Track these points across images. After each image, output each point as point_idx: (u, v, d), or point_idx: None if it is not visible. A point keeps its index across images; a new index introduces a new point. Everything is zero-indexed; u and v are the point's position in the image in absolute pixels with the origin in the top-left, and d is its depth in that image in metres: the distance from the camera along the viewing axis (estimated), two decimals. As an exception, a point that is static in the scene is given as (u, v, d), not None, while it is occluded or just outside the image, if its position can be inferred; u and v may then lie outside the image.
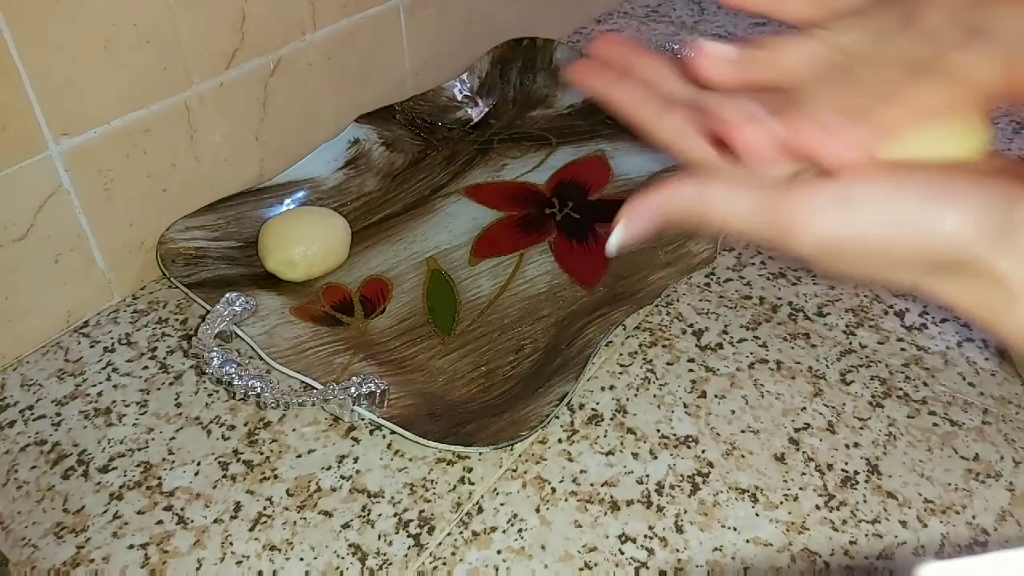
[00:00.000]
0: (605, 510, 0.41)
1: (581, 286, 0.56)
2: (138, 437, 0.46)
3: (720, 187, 0.30)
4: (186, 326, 0.54)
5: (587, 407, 0.47)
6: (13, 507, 0.42)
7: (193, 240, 0.57)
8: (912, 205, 0.27)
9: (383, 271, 0.58)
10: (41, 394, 0.49)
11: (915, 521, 0.40)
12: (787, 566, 0.39)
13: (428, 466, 0.44)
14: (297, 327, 0.52)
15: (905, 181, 0.28)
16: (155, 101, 0.54)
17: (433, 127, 0.72)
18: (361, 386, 0.44)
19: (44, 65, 0.47)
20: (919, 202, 0.27)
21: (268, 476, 0.44)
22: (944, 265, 0.28)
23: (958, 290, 0.29)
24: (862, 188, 0.28)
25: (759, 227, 0.29)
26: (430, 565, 0.39)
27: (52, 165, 0.49)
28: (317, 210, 0.60)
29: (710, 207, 0.30)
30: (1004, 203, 0.27)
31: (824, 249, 0.29)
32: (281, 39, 0.60)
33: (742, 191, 0.30)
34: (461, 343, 0.52)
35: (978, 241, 0.27)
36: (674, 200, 0.31)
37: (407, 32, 0.71)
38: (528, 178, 0.66)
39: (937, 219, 0.27)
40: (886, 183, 0.28)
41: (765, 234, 0.29)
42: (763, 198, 0.29)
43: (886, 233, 0.28)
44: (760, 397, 0.47)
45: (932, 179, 0.27)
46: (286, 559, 0.40)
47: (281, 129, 0.63)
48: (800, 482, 0.42)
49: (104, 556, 0.40)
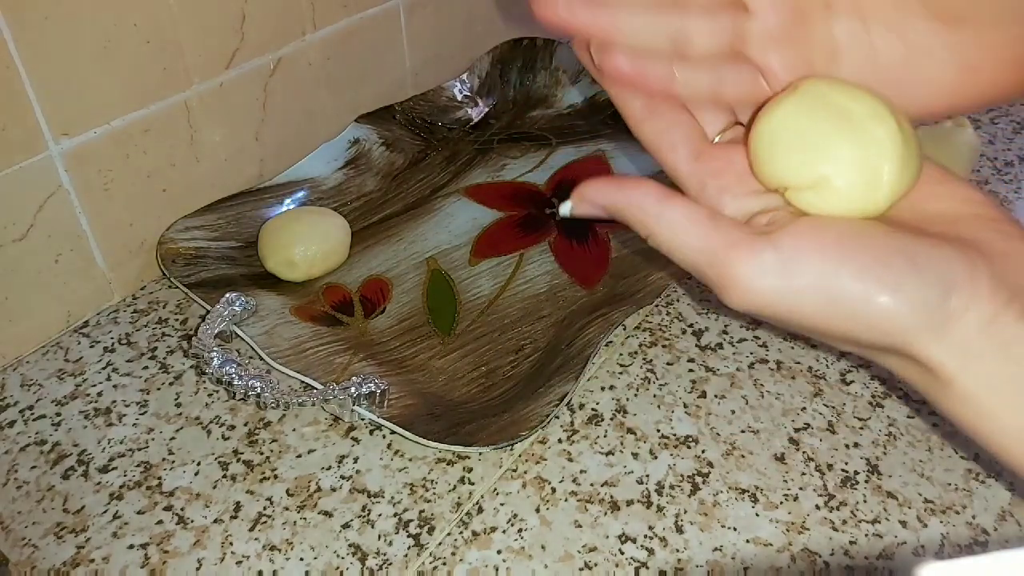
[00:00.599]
0: (605, 510, 0.41)
1: (581, 286, 0.56)
2: (138, 437, 0.46)
3: (677, 214, 0.29)
4: (186, 326, 0.54)
5: (587, 407, 0.47)
6: (13, 507, 0.42)
7: (193, 240, 0.57)
8: (847, 285, 0.26)
9: (383, 271, 0.58)
10: (41, 394, 0.49)
11: (915, 521, 0.40)
12: (787, 566, 0.39)
13: (428, 466, 0.44)
14: (297, 327, 0.52)
15: (847, 257, 0.27)
16: (155, 101, 0.54)
17: (433, 127, 0.72)
18: (361, 386, 0.44)
19: (44, 65, 0.47)
20: (855, 283, 0.26)
21: (268, 476, 0.44)
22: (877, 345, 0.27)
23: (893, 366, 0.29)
24: (805, 259, 0.27)
25: (698, 269, 0.29)
26: (430, 565, 0.39)
27: (52, 165, 0.49)
28: (317, 210, 0.60)
29: (661, 229, 0.29)
30: (939, 291, 0.26)
31: (755, 310, 0.28)
32: (281, 39, 0.60)
33: (695, 228, 0.29)
34: (461, 343, 0.52)
35: (909, 329, 0.26)
36: (631, 205, 0.30)
37: (407, 32, 0.71)
38: (528, 178, 0.66)
39: (869, 304, 0.26)
40: (829, 256, 0.27)
41: (702, 278, 0.29)
42: (711, 243, 0.28)
43: (819, 309, 0.27)
44: (760, 397, 0.47)
45: (874, 257, 0.26)
46: (286, 559, 0.40)
47: (281, 129, 0.63)
48: (800, 482, 0.42)
49: (104, 556, 0.40)
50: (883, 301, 0.26)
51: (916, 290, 0.26)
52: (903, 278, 0.26)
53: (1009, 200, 0.62)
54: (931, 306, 0.26)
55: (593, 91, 0.76)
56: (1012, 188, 0.63)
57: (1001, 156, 0.67)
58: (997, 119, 0.72)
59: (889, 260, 0.26)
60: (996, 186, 0.64)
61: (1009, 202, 0.62)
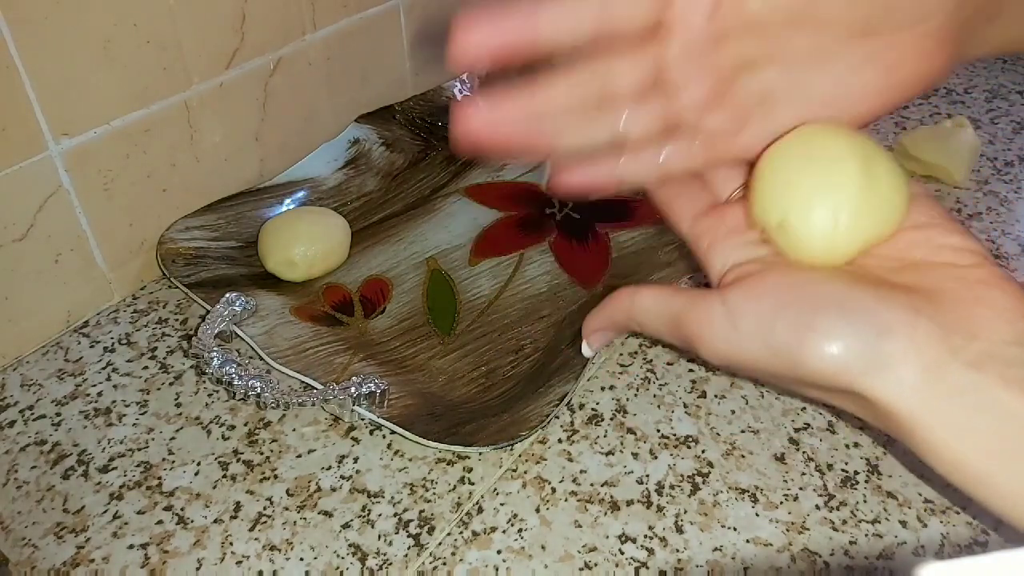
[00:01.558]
0: (605, 510, 0.41)
1: (581, 286, 0.56)
2: (138, 437, 0.46)
3: (646, 296, 0.33)
4: (186, 326, 0.54)
5: (587, 407, 0.47)
6: (13, 507, 0.43)
7: (193, 240, 0.57)
8: (782, 336, 0.28)
9: (383, 271, 0.58)
10: (41, 394, 0.49)
11: (915, 521, 0.40)
12: (787, 566, 0.39)
13: (428, 466, 0.44)
14: (297, 327, 0.52)
15: (782, 306, 0.28)
16: (155, 101, 0.54)
17: (433, 127, 0.72)
18: (361, 386, 0.44)
19: (44, 65, 0.47)
20: (789, 333, 0.28)
21: (268, 476, 0.44)
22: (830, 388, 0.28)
23: (858, 411, 0.29)
24: (745, 310, 0.29)
25: (673, 335, 0.32)
26: (430, 565, 0.39)
27: (52, 165, 0.49)
28: (317, 210, 0.60)
29: (637, 313, 0.33)
30: (871, 336, 0.27)
31: (722, 362, 0.30)
32: (281, 39, 0.60)
33: (661, 301, 0.32)
34: (461, 343, 0.52)
35: (849, 370, 0.27)
36: (614, 314, 0.35)
37: (407, 32, 0.71)
38: (528, 178, 0.66)
39: (803, 349, 0.27)
40: (765, 306, 0.28)
41: (681, 344, 0.31)
42: (673, 308, 0.31)
43: (764, 357, 0.28)
44: (760, 397, 0.47)
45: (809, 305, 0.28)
46: (286, 559, 0.40)
47: (281, 129, 0.63)
48: (800, 482, 0.42)
49: (104, 556, 0.40)
50: (814, 347, 0.27)
51: (846, 336, 0.27)
52: (832, 325, 0.27)
53: (1009, 200, 0.62)
54: (864, 350, 0.27)
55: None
56: (1012, 188, 0.63)
57: (1001, 156, 0.67)
58: (997, 119, 0.72)
59: (821, 307, 0.27)
60: (996, 186, 0.64)
61: (1009, 202, 0.62)
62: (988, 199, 0.62)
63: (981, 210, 0.61)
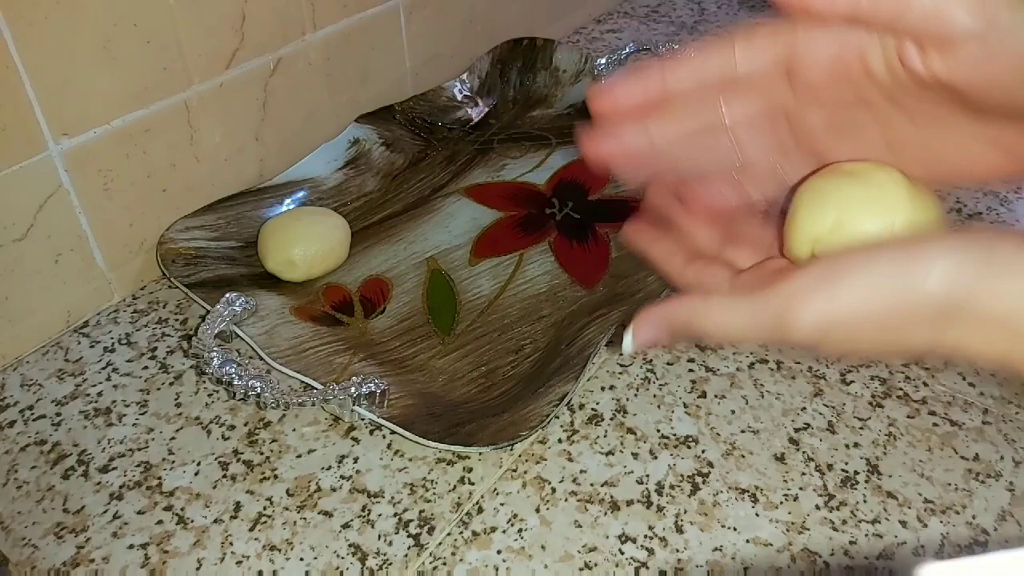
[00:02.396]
0: (605, 510, 0.41)
1: (581, 286, 0.56)
2: (138, 437, 0.46)
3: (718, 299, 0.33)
4: (186, 326, 0.54)
5: (587, 407, 0.47)
6: (13, 507, 0.43)
7: (193, 240, 0.57)
8: (889, 269, 0.28)
9: (383, 271, 0.58)
10: (41, 394, 0.49)
11: (915, 521, 0.40)
12: (787, 566, 0.39)
13: (428, 466, 0.44)
14: (297, 327, 0.52)
15: (877, 251, 0.28)
16: (155, 101, 0.54)
17: (433, 127, 0.72)
18: (361, 386, 0.44)
19: (44, 65, 0.47)
20: (895, 266, 0.28)
21: (268, 476, 0.44)
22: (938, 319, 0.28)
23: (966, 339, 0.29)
24: (838, 265, 0.29)
25: (757, 328, 0.31)
26: (430, 565, 0.39)
27: (52, 165, 0.49)
28: (317, 210, 0.60)
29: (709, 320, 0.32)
30: (982, 247, 0.27)
31: (821, 331, 0.29)
32: (281, 39, 0.60)
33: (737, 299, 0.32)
34: (461, 343, 0.52)
35: (961, 288, 0.27)
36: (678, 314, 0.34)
37: (407, 32, 0.71)
38: (528, 178, 0.66)
39: (916, 275, 0.27)
40: (859, 257, 0.29)
41: (764, 333, 0.31)
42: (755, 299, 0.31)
43: (872, 300, 0.28)
44: (760, 397, 0.47)
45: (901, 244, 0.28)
46: (286, 559, 0.40)
47: (281, 129, 0.63)
48: (800, 482, 0.42)
49: (104, 556, 0.40)
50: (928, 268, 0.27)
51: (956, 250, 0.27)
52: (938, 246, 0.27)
53: (1009, 200, 0.62)
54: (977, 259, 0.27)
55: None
56: (1012, 188, 0.63)
57: (1001, 156, 0.67)
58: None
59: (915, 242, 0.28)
60: (995, 186, 0.64)
61: (1009, 202, 0.62)
62: (988, 199, 0.62)
63: (981, 210, 0.61)
